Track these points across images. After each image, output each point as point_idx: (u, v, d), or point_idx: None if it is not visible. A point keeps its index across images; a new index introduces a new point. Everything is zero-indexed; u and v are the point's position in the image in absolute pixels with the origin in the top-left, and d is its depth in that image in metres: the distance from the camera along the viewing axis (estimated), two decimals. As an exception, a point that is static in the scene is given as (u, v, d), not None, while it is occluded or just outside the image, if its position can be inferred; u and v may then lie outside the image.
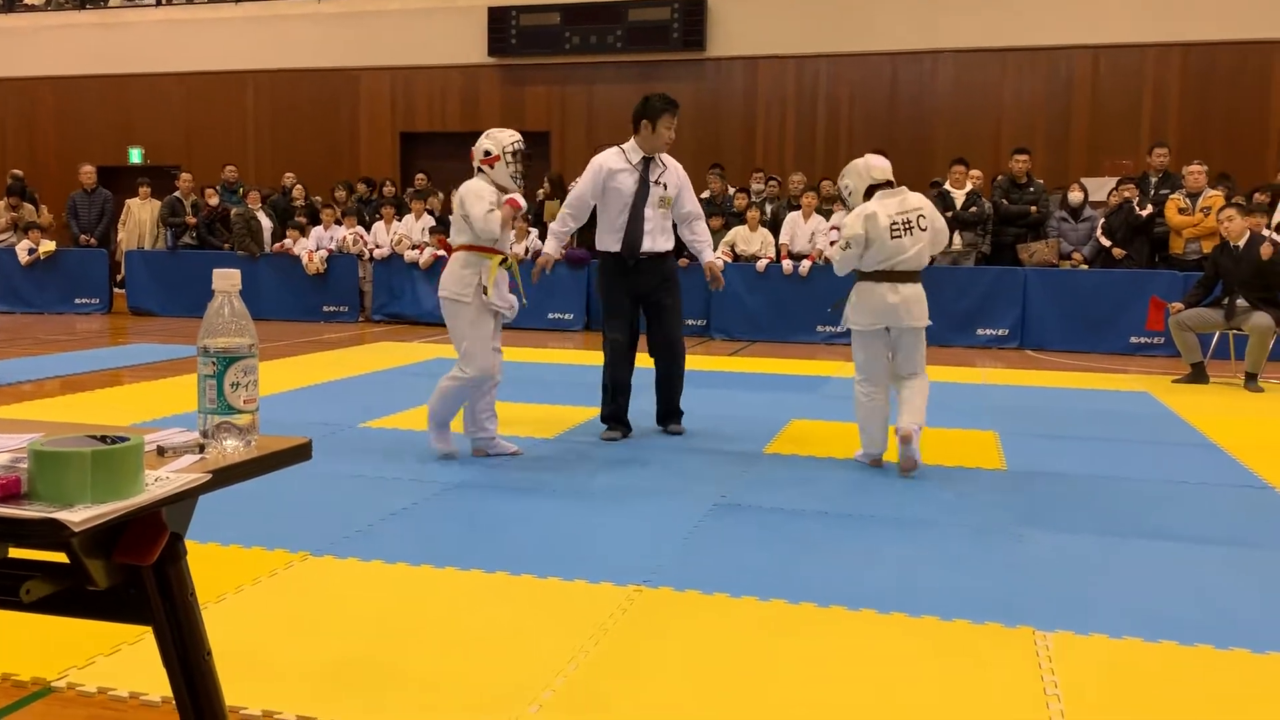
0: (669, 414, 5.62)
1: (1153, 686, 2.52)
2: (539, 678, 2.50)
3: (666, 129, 5.35)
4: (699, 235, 5.61)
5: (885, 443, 4.84)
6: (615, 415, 5.49)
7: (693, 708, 2.37)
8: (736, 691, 2.46)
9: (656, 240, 5.40)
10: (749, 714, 2.35)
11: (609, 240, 5.43)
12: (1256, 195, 9.40)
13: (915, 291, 4.69)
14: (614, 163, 5.40)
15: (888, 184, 4.76)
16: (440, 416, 4.85)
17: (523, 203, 4.83)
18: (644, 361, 5.49)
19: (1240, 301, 7.58)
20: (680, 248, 5.85)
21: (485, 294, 4.68)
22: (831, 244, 4.77)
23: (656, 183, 5.38)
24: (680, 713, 2.35)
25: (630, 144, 5.41)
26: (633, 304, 5.48)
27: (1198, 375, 7.77)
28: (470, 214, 4.65)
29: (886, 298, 4.65)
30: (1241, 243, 7.58)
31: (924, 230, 4.68)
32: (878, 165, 4.81)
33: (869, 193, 4.76)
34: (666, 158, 5.47)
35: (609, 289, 5.50)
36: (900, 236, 4.63)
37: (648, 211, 5.36)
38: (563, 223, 5.57)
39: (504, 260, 4.77)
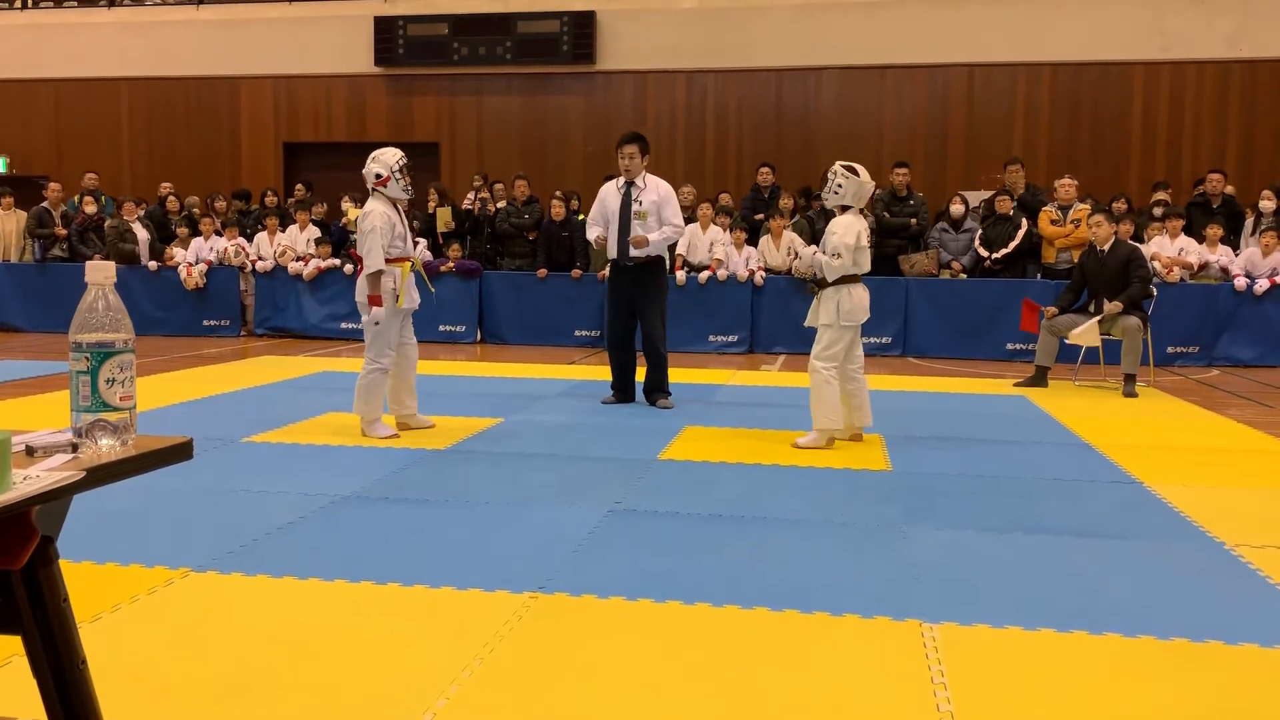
0: (654, 389, 6.76)
1: (1032, 671, 2.61)
2: (433, 686, 2.46)
3: (621, 159, 6.54)
4: (664, 231, 6.53)
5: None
6: (616, 386, 6.89)
7: (589, 711, 2.37)
8: (632, 693, 2.46)
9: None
10: (645, 715, 2.35)
11: (611, 248, 6.62)
12: (1114, 204, 9.87)
13: None
14: (608, 186, 6.71)
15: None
16: (367, 413, 5.53)
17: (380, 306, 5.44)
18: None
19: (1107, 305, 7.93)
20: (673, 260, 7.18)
21: (398, 301, 5.48)
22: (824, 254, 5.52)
23: (635, 200, 6.51)
24: (576, 716, 2.34)
25: None
26: (624, 301, 6.67)
27: (1038, 378, 8.08)
28: (361, 250, 5.41)
29: (866, 298, 5.53)
30: (1106, 247, 7.93)
31: None
32: (870, 187, 5.64)
33: (845, 206, 5.54)
34: (651, 179, 6.61)
35: (609, 288, 6.80)
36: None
37: (633, 224, 6.48)
38: (591, 231, 6.73)
39: (410, 265, 5.60)
